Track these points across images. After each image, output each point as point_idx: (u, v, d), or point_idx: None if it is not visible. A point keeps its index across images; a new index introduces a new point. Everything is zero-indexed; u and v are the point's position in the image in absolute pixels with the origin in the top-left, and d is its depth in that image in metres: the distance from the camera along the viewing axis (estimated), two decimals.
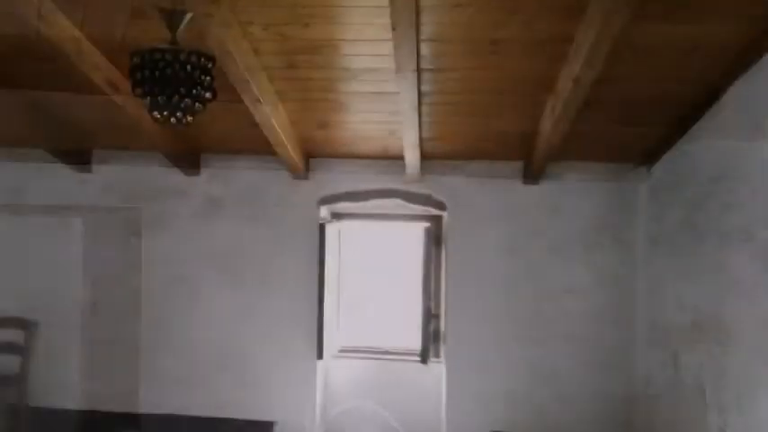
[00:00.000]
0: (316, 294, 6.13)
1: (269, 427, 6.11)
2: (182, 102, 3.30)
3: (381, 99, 4.85)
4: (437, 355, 6.43)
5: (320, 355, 6.13)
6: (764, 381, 3.77)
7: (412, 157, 5.47)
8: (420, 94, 4.55)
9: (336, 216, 6.51)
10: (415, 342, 6.38)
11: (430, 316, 6.27)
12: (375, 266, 7.86)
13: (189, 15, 3.32)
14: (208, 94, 3.41)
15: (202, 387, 6.21)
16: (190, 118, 3.43)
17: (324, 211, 6.24)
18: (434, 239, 6.40)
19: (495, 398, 5.91)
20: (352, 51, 4.25)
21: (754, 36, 3.80)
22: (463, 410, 5.96)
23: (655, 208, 5.50)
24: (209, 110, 3.49)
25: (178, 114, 3.35)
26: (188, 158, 6.08)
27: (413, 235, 6.70)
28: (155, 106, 3.31)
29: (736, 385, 4.08)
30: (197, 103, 3.37)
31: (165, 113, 3.33)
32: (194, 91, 3.31)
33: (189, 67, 3.24)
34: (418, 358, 6.27)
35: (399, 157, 5.67)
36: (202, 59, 3.31)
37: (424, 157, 5.69)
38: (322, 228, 6.10)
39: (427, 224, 6.36)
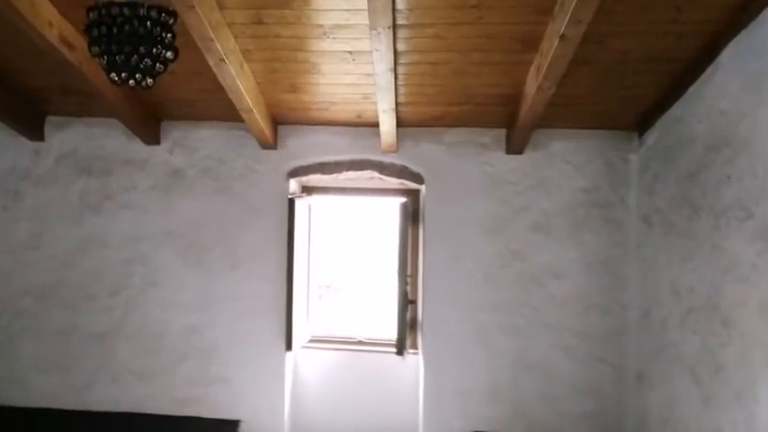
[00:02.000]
0: (284, 278, 6.13)
1: (234, 426, 6.12)
2: (141, 62, 3.35)
3: (355, 59, 4.88)
4: (414, 346, 6.45)
5: (289, 347, 6.11)
6: (765, 374, 3.73)
7: (387, 123, 5.48)
8: (396, 53, 4.60)
9: (307, 190, 6.50)
10: (391, 331, 6.36)
11: (406, 302, 6.19)
12: (348, 246, 7.90)
13: None
14: (169, 54, 3.46)
15: (162, 381, 6.23)
16: (150, 80, 3.48)
17: (293, 185, 6.23)
18: (411, 216, 6.37)
19: (476, 394, 5.95)
20: (324, 6, 4.26)
21: None
22: (442, 408, 6.00)
23: (647, 181, 5.52)
24: (170, 71, 3.53)
25: (137, 76, 3.40)
26: (148, 126, 6.07)
27: (388, 211, 6.65)
28: (112, 67, 3.36)
29: (735, 379, 4.03)
30: (158, 64, 3.42)
31: (124, 75, 3.38)
32: (155, 50, 3.36)
33: (149, 23, 3.30)
34: (394, 349, 6.23)
35: (374, 125, 5.72)
36: (163, 15, 3.37)
37: (400, 124, 5.75)
38: (291, 203, 6.06)
39: (403, 199, 6.31)
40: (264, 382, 6.16)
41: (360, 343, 6.68)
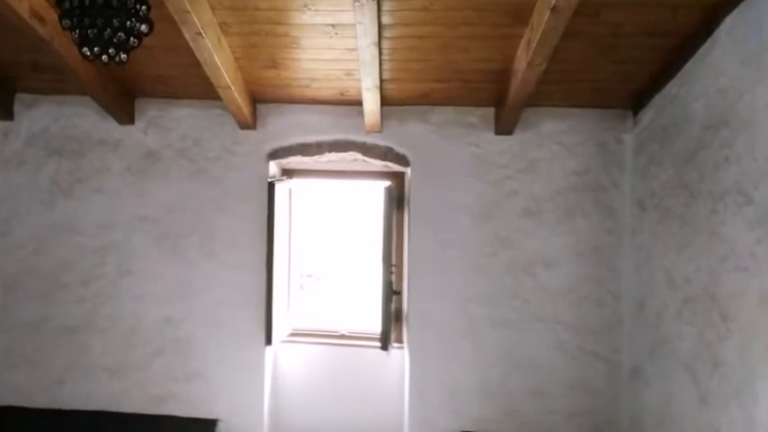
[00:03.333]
0: (264, 267, 6.14)
1: (211, 425, 6.13)
2: (115, 36, 3.35)
3: (337, 33, 4.89)
4: (399, 340, 6.49)
5: (269, 341, 6.12)
6: (764, 370, 3.70)
7: (371, 101, 5.49)
8: (380, 26, 4.63)
9: (287, 173, 6.51)
10: (375, 324, 6.38)
11: (391, 293, 6.22)
12: (330, 233, 7.90)
13: None
14: (144, 27, 3.48)
15: (136, 377, 6.24)
16: (124, 55, 3.49)
17: (273, 168, 6.23)
18: (396, 201, 6.38)
19: (464, 391, 5.97)
20: None
21: None
22: (429, 405, 6.00)
23: (642, 163, 5.53)
24: (145, 46, 3.54)
25: (110, 51, 3.41)
26: (121, 104, 6.05)
27: (372, 196, 6.64)
28: (84, 41, 3.36)
29: (734, 375, 4.00)
30: (132, 38, 3.43)
31: (97, 50, 3.39)
32: (128, 23, 3.37)
33: None
34: (378, 343, 6.27)
35: (357, 103, 5.77)
36: None
37: (385, 102, 5.78)
38: (271, 187, 6.07)
39: (388, 183, 6.33)
40: (243, 379, 6.16)
41: (342, 337, 6.68)
